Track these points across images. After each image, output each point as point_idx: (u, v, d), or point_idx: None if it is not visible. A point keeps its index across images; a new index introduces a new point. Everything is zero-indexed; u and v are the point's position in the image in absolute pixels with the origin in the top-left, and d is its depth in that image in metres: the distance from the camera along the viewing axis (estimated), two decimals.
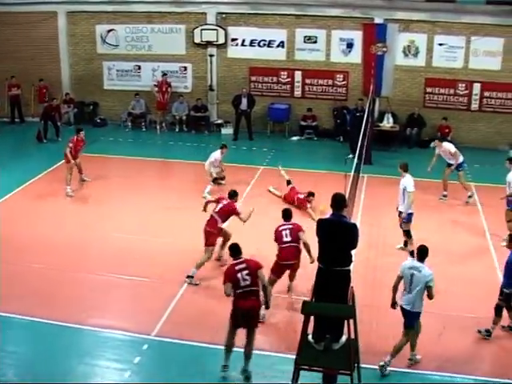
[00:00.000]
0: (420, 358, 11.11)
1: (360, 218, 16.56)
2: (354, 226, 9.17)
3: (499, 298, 11.71)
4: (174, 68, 26.34)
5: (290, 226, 12.78)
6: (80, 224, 16.38)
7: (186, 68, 26.38)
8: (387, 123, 24.35)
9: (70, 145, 18.95)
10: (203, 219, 16.45)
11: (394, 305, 10.89)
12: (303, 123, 25.45)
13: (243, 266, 10.58)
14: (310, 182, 18.90)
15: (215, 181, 18.50)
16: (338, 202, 9.05)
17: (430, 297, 10.65)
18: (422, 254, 10.78)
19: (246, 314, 10.47)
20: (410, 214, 14.86)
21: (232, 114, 25.39)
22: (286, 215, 13.08)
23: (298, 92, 25.85)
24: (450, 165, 18.91)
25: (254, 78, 25.95)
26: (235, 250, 10.86)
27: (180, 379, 10.36)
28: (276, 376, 10.38)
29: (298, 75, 25.64)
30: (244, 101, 25.00)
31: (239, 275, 10.50)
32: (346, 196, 9.80)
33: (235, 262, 10.71)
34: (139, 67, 26.58)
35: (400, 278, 10.80)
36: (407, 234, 15.06)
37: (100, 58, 26.86)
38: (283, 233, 12.69)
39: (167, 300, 12.63)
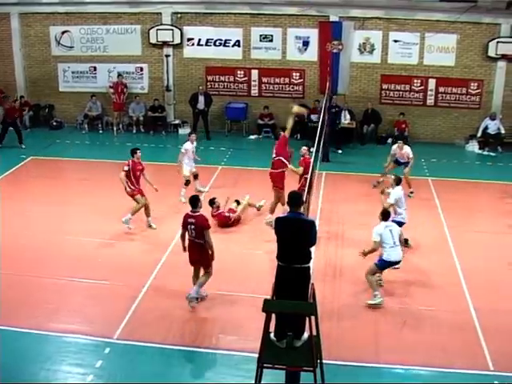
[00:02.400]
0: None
1: (319, 214, 16.69)
2: (312, 222, 9.24)
3: None
4: (130, 69, 26.22)
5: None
6: (39, 228, 16.21)
7: (142, 69, 26.27)
8: (344, 120, 24.54)
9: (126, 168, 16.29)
10: (163, 221, 16.54)
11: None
12: (260, 122, 25.55)
13: (193, 220, 12.31)
14: (268, 181, 18.97)
15: (187, 183, 18.17)
16: (295, 199, 9.10)
17: (401, 240, 13.04)
18: (387, 215, 13.14)
19: (194, 259, 12.54)
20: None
21: (189, 114, 25.36)
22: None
23: (254, 91, 25.93)
24: (399, 163, 19.06)
25: (210, 78, 25.95)
26: (192, 203, 12.50)
27: (142, 382, 10.32)
28: (240, 375, 10.37)
29: (254, 74, 25.72)
30: (201, 99, 24.94)
31: (189, 226, 12.35)
32: (304, 193, 9.86)
33: (190, 213, 12.43)
34: (95, 68, 26.39)
35: (376, 241, 12.66)
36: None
37: (55, 60, 26.60)
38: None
39: (128, 303, 12.56)
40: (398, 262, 12.96)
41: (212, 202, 16.32)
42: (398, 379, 10.71)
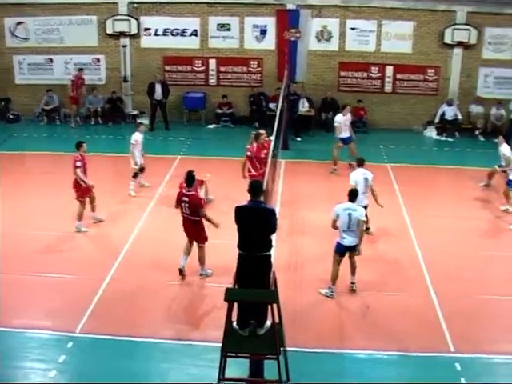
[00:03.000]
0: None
1: (279, 202, 16.73)
2: (273, 211, 9.25)
3: None
4: (87, 60, 25.86)
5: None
6: (4, 223, 15.92)
7: (99, 60, 25.94)
8: (302, 108, 24.57)
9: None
10: (124, 212, 16.46)
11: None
12: (219, 111, 25.48)
13: (187, 199, 12.91)
14: (227, 170, 18.93)
15: (136, 176, 18.00)
16: (255, 188, 9.10)
17: (362, 229, 12.64)
18: (354, 195, 12.59)
19: (190, 231, 13.15)
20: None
21: (147, 104, 25.09)
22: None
23: (212, 80, 25.83)
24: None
25: (168, 68, 25.77)
26: (188, 181, 13.10)
27: (107, 375, 10.25)
28: (204, 365, 10.36)
29: (212, 63, 25.61)
30: (158, 89, 24.65)
31: (183, 204, 12.99)
32: (264, 182, 9.86)
33: (184, 192, 13.08)
34: (51, 60, 25.97)
35: (335, 220, 12.48)
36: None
37: (10, 52, 26.08)
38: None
39: (90, 296, 12.45)
40: (351, 248, 12.60)
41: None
42: (362, 364, 10.83)
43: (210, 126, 25.36)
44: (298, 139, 23.52)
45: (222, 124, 25.50)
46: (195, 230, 13.22)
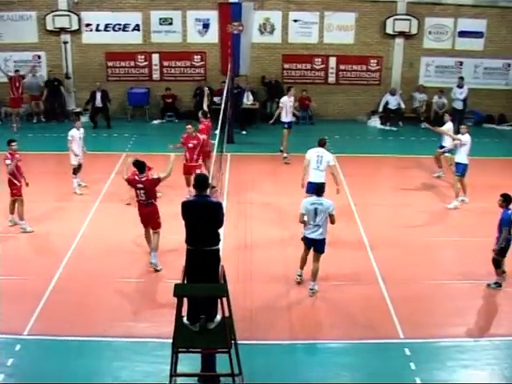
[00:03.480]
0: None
1: (226, 196, 16.76)
2: (219, 204, 9.26)
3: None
4: (28, 57, 25.39)
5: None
6: None
7: (39, 56, 25.48)
8: (247, 101, 24.57)
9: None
10: (70, 211, 16.27)
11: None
12: (162, 104, 25.31)
13: (141, 185, 13.15)
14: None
15: (75, 172, 17.58)
16: (201, 182, 9.10)
17: (333, 222, 12.37)
18: (320, 190, 12.59)
19: (145, 217, 13.36)
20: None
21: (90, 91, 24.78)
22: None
23: (156, 75, 25.67)
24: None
25: (110, 64, 25.49)
26: (139, 168, 13.21)
27: (57, 377, 10.11)
28: (156, 362, 10.30)
29: (155, 58, 25.46)
30: (98, 97, 24.31)
31: (138, 191, 13.25)
32: (210, 176, 9.86)
33: (137, 178, 13.21)
34: None
35: (303, 214, 12.34)
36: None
37: None
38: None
39: (37, 297, 12.23)
40: (316, 242, 12.48)
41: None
42: (312, 354, 10.93)
43: (155, 122, 25.20)
44: (244, 132, 23.53)
45: (166, 119, 25.36)
46: (151, 215, 13.39)
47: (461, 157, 16.67)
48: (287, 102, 20.17)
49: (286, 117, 20.25)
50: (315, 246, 12.47)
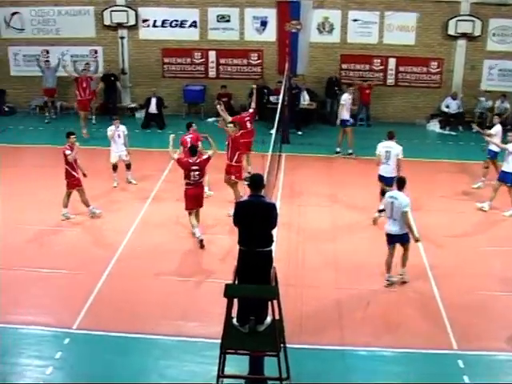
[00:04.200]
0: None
1: (280, 197, 16.76)
2: (273, 205, 9.26)
3: None
4: (84, 52, 25.84)
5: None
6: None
7: (96, 51, 25.89)
8: (303, 101, 24.52)
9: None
10: (119, 207, 16.50)
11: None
12: (217, 102, 25.31)
13: (196, 167, 14.32)
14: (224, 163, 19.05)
15: (114, 169, 18.01)
16: (256, 182, 9.11)
17: (406, 221, 12.48)
18: (401, 183, 12.81)
19: (196, 197, 14.48)
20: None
21: (145, 97, 25.00)
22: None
23: (212, 72, 25.80)
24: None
25: (167, 60, 25.73)
26: (193, 151, 14.55)
27: (104, 372, 10.28)
28: (203, 362, 10.39)
29: (212, 55, 25.58)
30: (153, 103, 24.31)
31: (191, 173, 14.30)
32: (265, 176, 9.88)
33: (190, 161, 14.37)
34: (47, 51, 25.91)
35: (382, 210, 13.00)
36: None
37: (5, 43, 26.04)
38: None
39: (87, 291, 12.47)
40: (396, 237, 12.77)
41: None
42: (363, 361, 10.85)
43: (210, 120, 25.30)
44: (299, 133, 23.50)
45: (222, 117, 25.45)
46: (201, 195, 14.76)
47: (509, 166, 16.39)
48: (348, 100, 20.32)
49: (347, 114, 20.52)
50: (398, 240, 12.81)
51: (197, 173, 14.39)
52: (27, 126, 24.31)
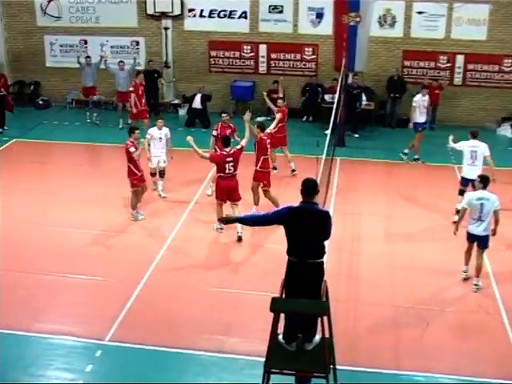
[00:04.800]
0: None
1: (333, 205, 16.70)
2: (327, 213, 9.22)
3: None
4: (125, 42, 26.19)
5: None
6: (24, 219, 16.21)
7: (138, 43, 26.22)
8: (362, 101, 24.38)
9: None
10: (162, 211, 16.61)
11: (455, 232, 13.17)
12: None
13: (231, 158, 14.98)
14: (280, 168, 19.09)
15: (153, 175, 17.76)
16: (309, 188, 9.06)
17: (497, 219, 12.93)
18: (486, 181, 13.15)
19: (230, 190, 15.13)
20: None
21: (190, 93, 25.10)
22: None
23: (262, 68, 25.88)
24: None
25: (214, 53, 25.90)
26: (226, 142, 15.21)
27: None
28: (245, 381, 10.36)
29: (262, 49, 25.67)
30: (197, 98, 24.37)
31: (226, 165, 14.94)
32: (318, 181, 9.84)
33: (225, 153, 15.02)
34: (86, 42, 26.35)
35: (465, 209, 13.02)
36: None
37: (41, 32, 26.58)
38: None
39: (122, 301, 12.58)
40: (480, 238, 13.11)
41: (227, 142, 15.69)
42: None
43: (259, 119, 25.28)
44: (356, 135, 23.41)
45: (271, 117, 25.45)
46: (236, 187, 15.31)
47: None
48: (421, 101, 20.23)
49: (420, 117, 20.41)
50: (478, 241, 13.14)
51: (231, 164, 15.01)
52: (62, 121, 24.71)
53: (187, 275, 13.62)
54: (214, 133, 17.57)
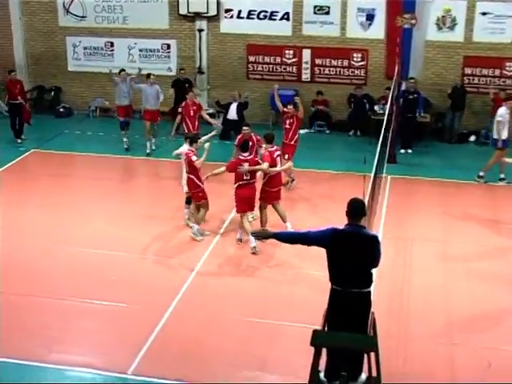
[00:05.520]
0: None
1: (382, 228, 16.66)
2: (376, 238, 9.23)
3: None
4: (155, 46, 26.46)
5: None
6: (40, 237, 16.38)
7: (169, 46, 26.49)
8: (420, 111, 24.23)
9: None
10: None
11: None
12: (312, 109, 25.45)
13: (247, 164, 15.67)
14: (322, 185, 19.13)
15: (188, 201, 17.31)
16: (357, 209, 9.08)
17: None
18: None
19: (247, 198, 15.93)
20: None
21: (226, 101, 25.22)
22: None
23: (306, 75, 25.97)
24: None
25: (252, 58, 26.06)
26: (244, 147, 16.03)
27: None
28: None
29: (306, 54, 25.76)
30: (233, 108, 24.43)
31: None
32: (366, 202, 9.84)
33: (242, 158, 15.81)
34: (112, 44, 26.65)
35: None
36: None
37: (63, 32, 26.97)
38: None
39: (147, 330, 12.61)
40: None
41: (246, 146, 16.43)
42: None
43: (302, 131, 25.25)
44: (409, 151, 23.34)
45: (315, 129, 25.54)
46: (254, 194, 16.08)
47: None
48: (506, 115, 19.95)
49: (504, 132, 19.93)
50: None
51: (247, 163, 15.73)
52: (85, 131, 24.99)
53: (218, 303, 13.64)
54: (236, 142, 18.03)
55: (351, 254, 8.90)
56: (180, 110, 20.93)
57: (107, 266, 15.18)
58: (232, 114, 24.59)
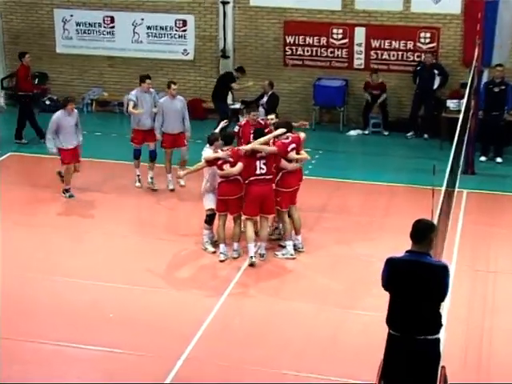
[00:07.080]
0: None
1: (456, 256, 16.59)
2: (445, 268, 9.17)
3: None
4: (167, 22, 26.46)
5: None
6: (20, 264, 16.44)
7: (185, 22, 26.50)
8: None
9: None
10: (211, 266, 16.71)
11: None
12: (365, 95, 25.48)
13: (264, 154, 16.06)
14: (377, 201, 19.08)
15: (210, 221, 17.29)
16: (421, 232, 9.04)
17: None
18: None
19: (260, 198, 16.11)
20: None
21: (256, 95, 24.93)
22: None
23: (359, 61, 25.96)
24: None
25: (290, 39, 26.08)
26: (258, 134, 16.40)
27: None
28: None
29: (359, 34, 25.73)
30: (263, 101, 23.88)
31: (257, 163, 15.97)
32: (435, 223, 9.80)
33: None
34: (112, 19, 26.71)
35: None
36: None
37: (49, 4, 27.06)
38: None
39: (157, 381, 12.60)
40: None
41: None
42: None
43: (352, 133, 25.28)
44: (498, 160, 23.10)
45: (370, 130, 25.38)
46: (270, 195, 16.24)
47: None
48: None
49: None
50: None
51: (262, 162, 16.02)
52: None
53: (240, 350, 13.64)
54: (236, 129, 18.26)
55: (411, 288, 8.87)
56: (237, 129, 18.85)
57: (104, 300, 15.22)
58: (261, 110, 23.82)
